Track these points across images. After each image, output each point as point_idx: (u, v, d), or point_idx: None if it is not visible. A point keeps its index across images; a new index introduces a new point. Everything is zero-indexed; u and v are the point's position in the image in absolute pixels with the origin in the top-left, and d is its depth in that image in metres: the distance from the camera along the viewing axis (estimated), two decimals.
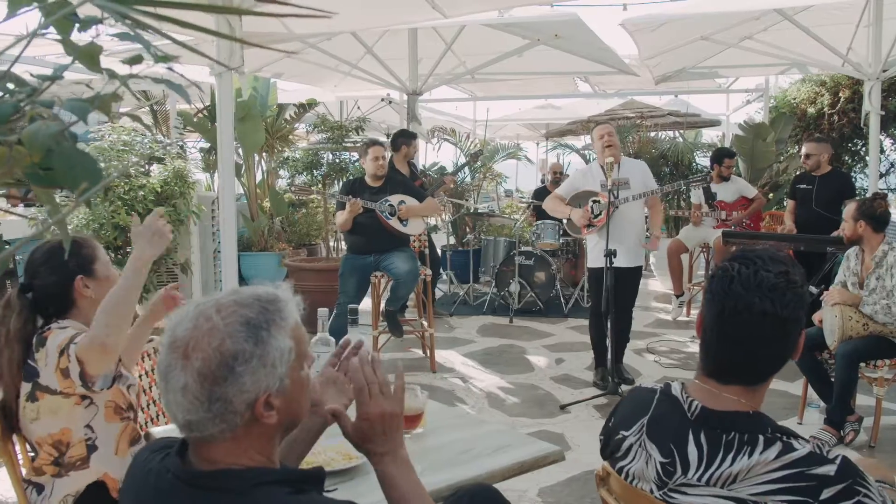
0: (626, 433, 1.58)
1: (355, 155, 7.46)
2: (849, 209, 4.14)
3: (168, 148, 5.01)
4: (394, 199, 5.30)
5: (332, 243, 9.37)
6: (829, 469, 1.31)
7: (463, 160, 9.63)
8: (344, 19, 5.51)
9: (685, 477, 1.42)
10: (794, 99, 9.79)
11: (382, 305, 5.55)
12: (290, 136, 9.38)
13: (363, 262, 5.32)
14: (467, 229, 9.25)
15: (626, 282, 4.94)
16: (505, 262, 7.48)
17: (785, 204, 9.13)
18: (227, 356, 1.12)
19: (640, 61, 7.82)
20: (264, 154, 9.02)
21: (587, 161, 10.78)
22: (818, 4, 6.76)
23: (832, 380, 4.06)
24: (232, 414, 1.13)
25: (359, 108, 11.25)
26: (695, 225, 7.16)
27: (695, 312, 7.50)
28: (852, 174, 9.05)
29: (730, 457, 1.37)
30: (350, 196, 5.21)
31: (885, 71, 6.74)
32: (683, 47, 7.48)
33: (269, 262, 8.51)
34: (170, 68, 1.15)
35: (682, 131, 10.75)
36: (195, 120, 8.50)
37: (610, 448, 1.63)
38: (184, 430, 1.16)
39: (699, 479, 1.40)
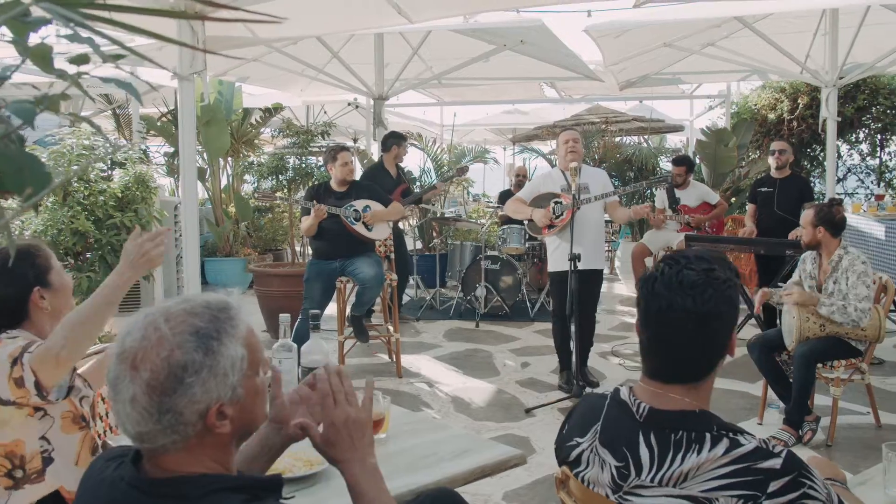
0: (580, 440, 1.59)
1: (321, 160, 7.44)
2: (807, 215, 4.20)
3: (129, 152, 4.94)
4: (359, 204, 5.29)
5: (297, 248, 9.32)
6: (775, 462, 1.34)
7: (430, 165, 9.64)
8: (309, 23, 5.50)
9: (639, 479, 1.44)
10: (755, 105, 9.97)
11: (348, 311, 5.53)
12: (256, 141, 9.32)
13: (328, 268, 5.30)
14: (433, 234, 9.26)
15: (589, 285, 4.98)
16: (471, 266, 7.50)
17: (746, 208, 9.32)
18: (175, 367, 1.10)
19: (605, 67, 7.90)
20: (229, 159, 8.95)
21: (553, 165, 10.84)
22: (777, 13, 6.91)
23: (790, 381, 4.13)
24: (183, 425, 1.11)
25: (325, 112, 11.22)
26: (656, 228, 7.24)
27: None
28: (811, 179, 9.23)
29: (679, 455, 1.39)
30: (314, 201, 5.20)
31: (841, 78, 6.90)
32: (647, 54, 7.58)
33: (234, 267, 8.45)
34: (118, 66, 1.14)
35: (647, 136, 10.87)
36: (158, 124, 8.41)
37: (562, 456, 1.64)
38: (135, 441, 1.15)
39: (652, 480, 1.41)
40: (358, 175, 6.21)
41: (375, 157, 7.67)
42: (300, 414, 1.54)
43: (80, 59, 1.08)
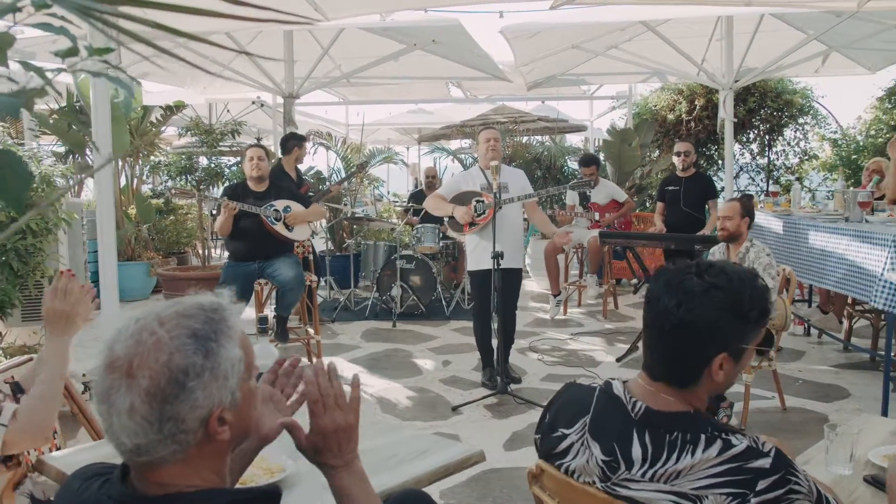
0: (566, 431, 1.59)
1: (231, 159, 7.23)
2: (734, 207, 4.41)
3: (33, 151, 4.64)
4: (279, 204, 5.18)
5: (202, 251, 9.03)
6: (765, 462, 1.37)
7: (340, 165, 9.53)
8: (218, 18, 5.32)
9: (629, 473, 1.46)
10: (655, 106, 10.38)
11: (267, 312, 5.41)
12: (157, 140, 8.95)
13: (246, 270, 5.16)
14: (344, 234, 9.16)
15: (509, 283, 5.05)
16: (386, 266, 7.46)
17: (648, 205, 9.68)
18: (176, 371, 1.04)
19: (515, 68, 8.03)
20: (128, 158, 8.56)
21: (463, 164, 10.94)
22: (676, 18, 7.20)
23: None
24: (184, 433, 1.06)
25: (228, 111, 10.91)
26: (566, 225, 7.43)
27: (571, 311, 7.79)
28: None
29: (674, 455, 1.41)
30: (225, 198, 5.07)
31: (736, 81, 7.27)
32: (555, 55, 7.76)
33: (136, 271, 8.08)
34: (104, 60, 1.07)
35: (554, 136, 11.12)
36: (51, 122, 7.94)
37: (546, 446, 1.64)
38: (130, 455, 1.07)
39: (643, 476, 1.43)
40: None
41: None
42: (268, 413, 1.48)
43: (69, 53, 1.01)
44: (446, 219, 5.26)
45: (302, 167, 7.13)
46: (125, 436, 1.05)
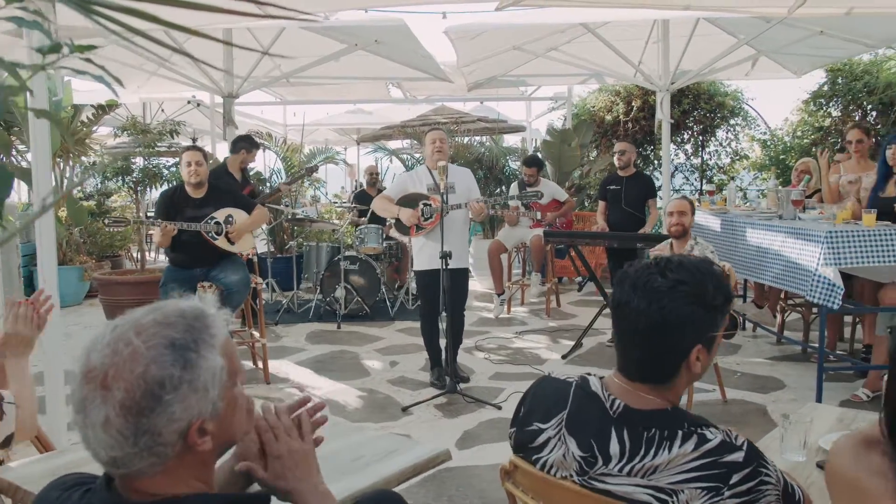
0: (542, 426, 1.60)
1: (169, 160, 7.05)
2: (685, 203, 4.54)
3: None
4: (220, 214, 5.00)
5: (138, 255, 8.78)
6: (738, 456, 1.41)
7: (280, 165, 9.40)
8: (158, 14, 5.18)
9: (606, 468, 1.48)
10: (593, 107, 10.57)
11: None
12: (88, 140, 8.66)
13: (188, 274, 5.02)
14: (285, 236, 9.04)
15: (457, 282, 5.07)
16: (329, 267, 7.40)
17: (587, 204, 9.85)
18: (152, 384, 1.00)
19: (458, 68, 8.06)
20: (58, 159, 8.26)
21: (405, 164, 10.92)
22: (616, 20, 7.35)
23: None
24: (162, 446, 1.02)
25: (163, 110, 10.63)
26: (510, 225, 7.51)
27: (515, 309, 7.86)
28: None
29: (652, 451, 1.44)
30: (161, 220, 4.84)
31: (673, 83, 7.47)
32: (497, 56, 7.82)
33: (69, 276, 7.81)
34: (89, 59, 1.03)
35: (494, 136, 11.21)
36: None
37: (521, 440, 1.64)
38: (108, 467, 1.04)
39: (620, 471, 1.46)
40: None
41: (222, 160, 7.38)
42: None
43: (53, 49, 0.98)
44: (392, 221, 5.24)
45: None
46: (101, 448, 1.01)
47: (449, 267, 4.80)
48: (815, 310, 5.90)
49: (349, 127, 16.02)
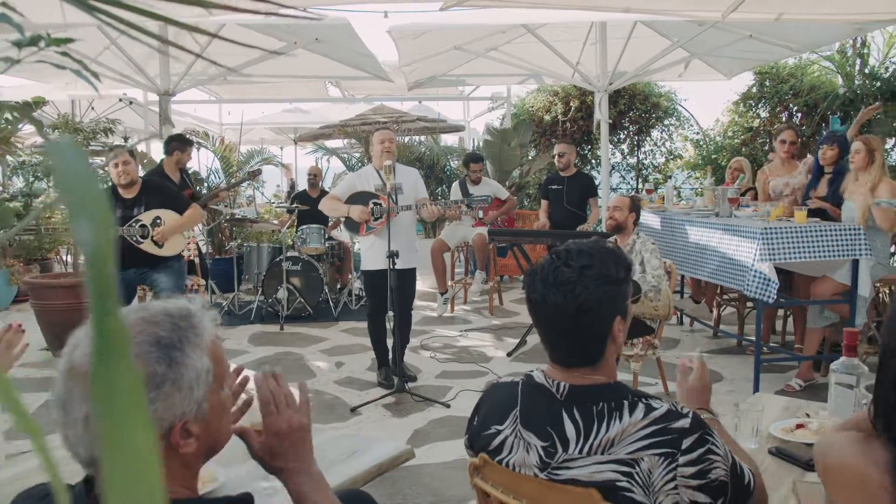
0: (499, 427, 1.63)
1: (103, 159, 6.83)
2: (624, 202, 4.66)
3: None
4: (147, 216, 4.87)
5: (68, 257, 8.49)
6: (685, 422, 1.48)
7: (219, 165, 9.22)
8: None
9: (566, 454, 1.52)
10: (532, 107, 10.70)
11: None
12: (13, 139, 8.32)
13: (123, 276, 4.89)
14: (223, 237, 8.88)
15: (405, 282, 5.08)
16: (271, 268, 7.29)
17: (526, 203, 9.97)
18: None
19: (399, 68, 8.06)
20: None
21: (346, 164, 10.85)
22: (553, 22, 7.47)
23: None
24: None
25: (93, 108, 10.29)
26: (452, 220, 7.54)
27: (458, 308, 7.90)
28: None
29: (604, 424, 1.49)
30: None
31: (611, 84, 7.62)
32: (438, 56, 7.84)
33: None
34: (65, 53, 1.00)
35: (434, 136, 11.24)
36: None
37: (479, 445, 1.68)
38: (88, 466, 1.01)
39: (580, 452, 1.50)
40: None
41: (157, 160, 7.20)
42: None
43: (33, 41, 0.95)
44: (342, 219, 5.21)
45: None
46: (81, 447, 0.99)
47: (397, 267, 4.80)
48: (749, 304, 6.13)
49: (286, 126, 15.80)
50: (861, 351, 4.55)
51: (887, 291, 5.57)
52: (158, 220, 4.85)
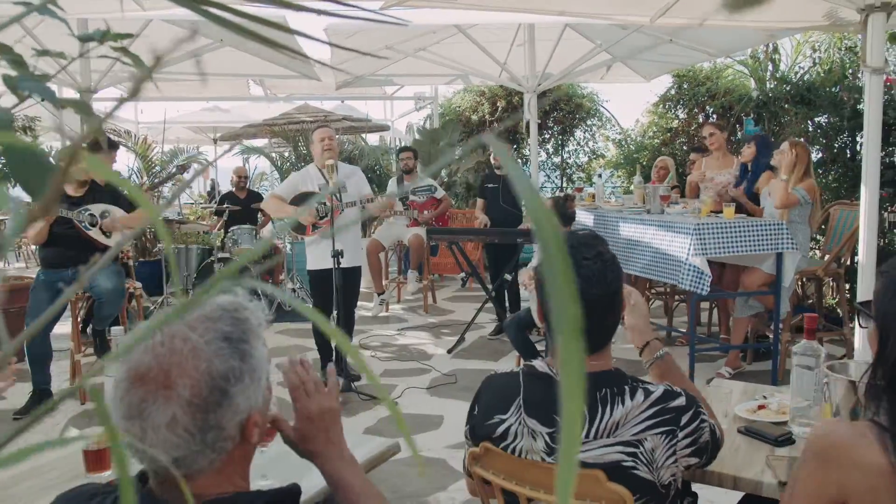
0: (502, 416, 1.69)
1: None
2: (548, 202, 4.76)
3: None
4: (96, 208, 4.78)
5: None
6: (681, 400, 1.60)
7: (139, 164, 8.93)
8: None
9: None
10: (459, 107, 10.81)
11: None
12: None
13: (59, 277, 4.71)
14: (145, 239, 8.61)
15: (350, 281, 5.08)
16: (202, 270, 7.14)
17: (455, 203, 10.06)
18: (218, 378, 1.00)
19: (332, 66, 8.00)
20: None
21: (275, 164, 10.69)
22: (482, 23, 7.57)
23: (543, 354, 4.64)
24: (224, 440, 1.02)
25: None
26: (386, 219, 7.55)
27: (392, 307, 7.91)
28: None
29: (608, 409, 1.58)
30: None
31: (539, 85, 7.80)
32: (368, 55, 7.82)
33: None
34: (123, 48, 0.99)
35: (361, 135, 11.20)
36: None
37: (482, 434, 1.73)
38: (164, 469, 1.01)
39: (586, 436, 1.58)
40: None
41: None
42: None
43: (106, 36, 0.94)
44: (285, 220, 5.16)
45: None
46: (164, 449, 0.99)
47: (342, 265, 4.80)
48: (677, 297, 6.39)
49: (204, 125, 15.42)
50: (784, 339, 4.85)
51: (804, 281, 5.93)
52: (106, 214, 4.75)
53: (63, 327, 5.64)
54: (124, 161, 10.06)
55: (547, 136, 10.92)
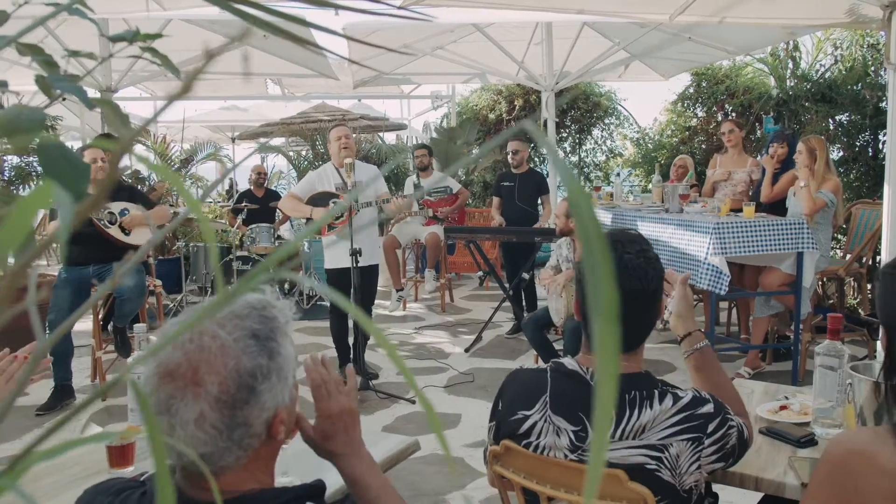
0: (527, 413, 1.69)
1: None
2: (561, 207, 4.74)
3: None
4: (115, 206, 4.83)
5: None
6: (710, 407, 1.59)
7: (158, 163, 8.98)
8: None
9: None
10: (476, 106, 10.80)
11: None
12: None
13: (81, 274, 4.77)
14: (165, 237, 8.68)
15: (367, 279, 5.09)
16: (220, 268, 7.18)
17: (471, 202, 10.06)
18: (245, 376, 1.01)
19: (347, 65, 8.03)
20: None
21: (292, 163, 10.73)
22: (500, 21, 7.57)
23: (560, 353, 4.63)
24: (250, 437, 1.03)
25: (22, 103, 9.88)
26: (400, 221, 7.56)
27: (411, 306, 7.93)
28: None
29: (636, 412, 1.57)
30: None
31: (557, 83, 7.78)
32: (386, 54, 7.84)
33: None
34: (152, 48, 1.00)
35: (379, 134, 11.23)
36: None
37: (507, 430, 1.73)
38: (194, 464, 1.02)
39: (612, 437, 1.57)
40: None
41: None
42: None
43: (137, 36, 0.95)
44: (304, 220, 5.19)
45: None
46: (191, 446, 1.00)
47: (359, 264, 4.81)
48: (695, 296, 6.35)
49: (223, 124, 15.51)
50: (805, 339, 4.81)
51: (825, 281, 5.87)
52: (125, 212, 4.81)
53: (84, 324, 5.71)
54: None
55: (564, 134, 10.89)
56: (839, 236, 6.23)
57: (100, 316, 5.16)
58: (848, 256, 5.40)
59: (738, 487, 1.83)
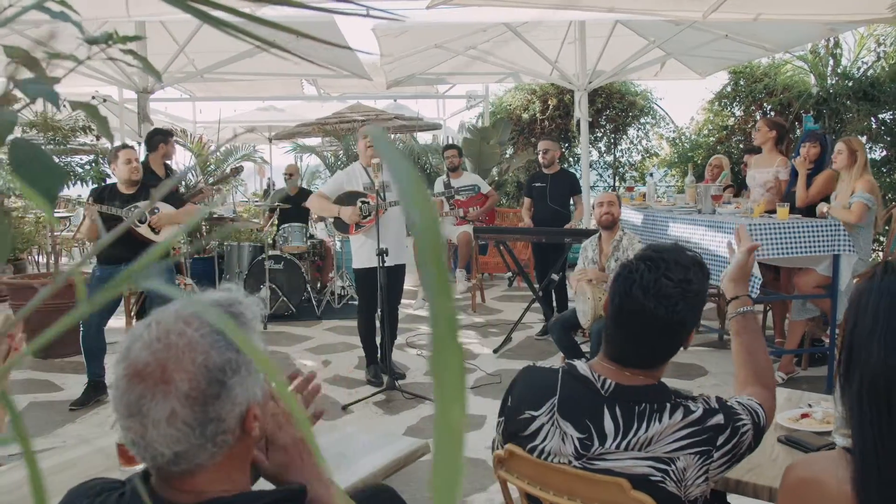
0: (534, 413, 1.65)
1: (83, 157, 6.74)
2: (613, 195, 4.89)
3: None
4: (144, 205, 4.90)
5: (43, 258, 8.37)
6: (719, 419, 1.54)
7: (194, 163, 9.14)
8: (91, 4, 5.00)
9: (602, 447, 1.55)
10: (510, 105, 10.76)
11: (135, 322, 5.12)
12: None
13: (112, 272, 4.86)
14: (199, 235, 8.80)
15: (394, 280, 5.09)
16: (253, 267, 7.26)
17: (504, 202, 10.02)
18: (215, 371, 1.00)
19: (379, 66, 8.05)
20: None
21: (325, 162, 10.81)
22: (532, 20, 7.51)
23: (586, 355, 4.58)
24: (224, 434, 1.02)
25: (65, 106, 10.10)
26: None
27: None
28: None
29: (644, 424, 1.53)
30: (89, 201, 4.77)
31: (590, 83, 7.70)
32: (418, 53, 7.85)
33: None
34: (131, 51, 1.00)
35: (413, 134, 11.25)
36: None
37: (513, 428, 1.70)
38: (167, 465, 1.02)
39: (617, 447, 1.54)
40: None
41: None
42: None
43: (108, 39, 0.95)
44: (331, 219, 5.21)
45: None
46: (163, 446, 0.99)
47: (386, 264, 4.82)
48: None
49: (260, 124, 15.69)
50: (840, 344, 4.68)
51: None
52: (156, 210, 4.89)
53: (117, 321, 5.81)
54: (181, 160, 10.32)
55: (599, 134, 10.79)
56: (881, 237, 6.06)
57: (132, 313, 5.25)
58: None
59: (752, 498, 1.79)
